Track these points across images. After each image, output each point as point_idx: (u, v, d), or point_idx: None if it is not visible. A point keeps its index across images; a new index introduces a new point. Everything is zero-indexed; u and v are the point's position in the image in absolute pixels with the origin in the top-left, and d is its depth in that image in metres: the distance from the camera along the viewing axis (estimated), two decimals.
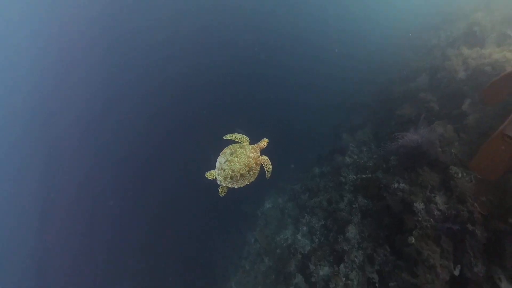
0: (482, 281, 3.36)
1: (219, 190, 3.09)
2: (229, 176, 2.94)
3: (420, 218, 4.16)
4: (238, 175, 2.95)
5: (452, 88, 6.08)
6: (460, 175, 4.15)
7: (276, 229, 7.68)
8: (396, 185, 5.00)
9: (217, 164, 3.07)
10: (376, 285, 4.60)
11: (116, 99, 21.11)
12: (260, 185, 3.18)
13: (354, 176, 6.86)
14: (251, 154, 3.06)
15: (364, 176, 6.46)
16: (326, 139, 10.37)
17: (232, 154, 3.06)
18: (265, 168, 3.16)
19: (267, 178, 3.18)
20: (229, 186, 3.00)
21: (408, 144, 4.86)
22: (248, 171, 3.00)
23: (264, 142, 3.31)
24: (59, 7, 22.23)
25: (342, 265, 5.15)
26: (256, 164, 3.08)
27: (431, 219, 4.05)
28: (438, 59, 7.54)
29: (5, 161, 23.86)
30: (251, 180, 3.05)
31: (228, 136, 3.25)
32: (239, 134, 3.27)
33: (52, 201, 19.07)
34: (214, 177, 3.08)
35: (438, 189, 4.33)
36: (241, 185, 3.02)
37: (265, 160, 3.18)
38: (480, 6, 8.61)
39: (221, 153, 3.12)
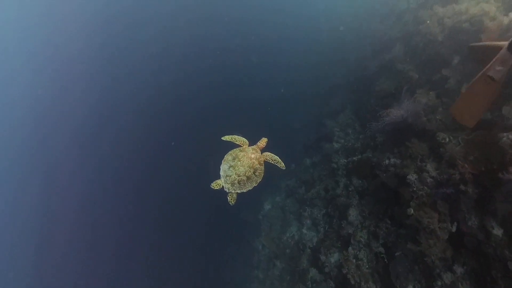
0: (477, 231, 3.60)
1: (228, 198, 3.04)
2: (236, 181, 2.93)
3: (415, 188, 4.27)
4: (244, 178, 2.94)
5: (429, 52, 5.85)
6: (447, 139, 4.29)
7: (281, 228, 7.64)
8: (387, 161, 5.11)
9: (221, 172, 3.04)
10: (385, 260, 4.69)
11: (116, 106, 21.24)
12: (254, 188, 3.17)
13: (345, 160, 6.97)
14: (252, 156, 3.06)
15: (354, 158, 6.58)
16: (310, 128, 10.44)
17: (234, 159, 3.04)
18: (273, 163, 3.15)
19: (284, 168, 3.16)
20: (238, 191, 2.99)
21: (394, 120, 4.95)
22: (254, 172, 2.99)
23: (263, 142, 3.32)
24: (59, 22, 23.21)
25: (350, 248, 5.21)
26: (260, 164, 3.08)
27: (425, 187, 4.17)
28: (410, 24, 7.08)
29: (7, 170, 23.93)
30: (258, 181, 3.04)
31: (227, 137, 3.25)
32: (239, 137, 3.27)
33: (55, 210, 18.96)
34: (220, 186, 3.05)
35: (428, 157, 4.47)
36: (250, 188, 3.00)
37: (268, 156, 3.17)
38: None
39: (223, 161, 3.09)
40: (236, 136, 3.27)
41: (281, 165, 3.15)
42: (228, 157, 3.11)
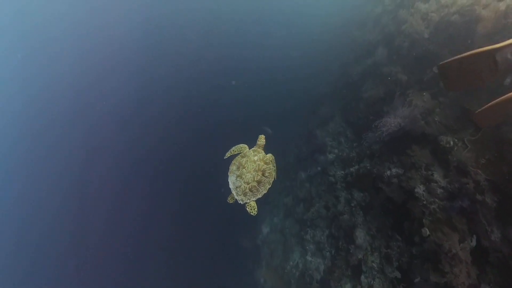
0: (501, 245, 3.14)
1: (247, 210, 2.91)
2: (247, 190, 2.84)
3: (424, 202, 3.78)
4: (255, 184, 2.85)
5: (416, 51, 5.66)
6: (451, 143, 3.88)
7: (283, 255, 6.94)
8: (388, 172, 4.65)
9: (231, 185, 2.97)
10: None
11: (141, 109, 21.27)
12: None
13: (342, 172, 6.49)
14: (255, 158, 3.01)
15: (352, 169, 6.10)
16: (301, 140, 10.00)
17: (238, 168, 2.99)
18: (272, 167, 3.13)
19: (274, 178, 3.11)
20: (253, 199, 2.86)
21: (392, 129, 4.52)
22: (263, 174, 2.92)
23: (261, 139, 3.31)
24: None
25: (362, 277, 4.59)
26: (266, 163, 3.01)
27: (436, 200, 3.68)
28: (390, 26, 6.88)
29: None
30: (271, 182, 2.95)
31: (228, 154, 3.27)
32: (236, 147, 3.28)
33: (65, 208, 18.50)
34: (234, 200, 2.99)
35: (433, 164, 4.02)
36: (265, 191, 2.90)
37: (272, 158, 3.16)
38: None
39: (229, 173, 3.06)
40: (234, 148, 3.27)
41: (274, 174, 3.08)
42: (232, 167, 3.06)
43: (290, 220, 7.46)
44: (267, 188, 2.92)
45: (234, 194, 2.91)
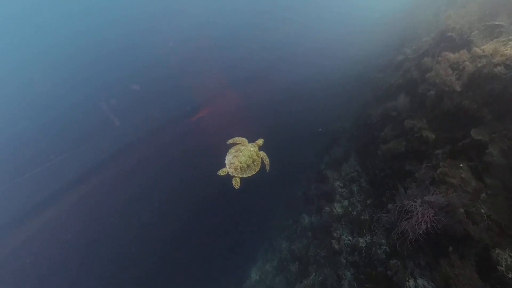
0: None
1: (233, 182, 3.52)
2: (238, 167, 3.50)
3: None
4: (245, 165, 3.53)
5: (446, 105, 4.49)
6: None
7: None
8: (411, 282, 3.33)
9: (226, 161, 3.62)
10: None
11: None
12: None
13: (350, 238, 5.24)
14: (252, 149, 3.72)
15: (361, 241, 4.82)
16: (312, 173, 8.71)
17: (237, 151, 3.69)
18: (264, 162, 3.77)
19: (267, 171, 3.77)
20: (240, 176, 3.50)
21: (420, 231, 3.13)
22: (253, 162, 3.60)
23: (260, 141, 3.97)
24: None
25: None
26: (257, 156, 3.71)
27: None
28: (412, 72, 5.99)
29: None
30: (256, 170, 3.60)
31: (230, 141, 3.93)
32: (239, 138, 3.96)
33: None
34: (225, 173, 3.56)
35: None
36: (249, 175, 3.54)
37: (263, 155, 3.80)
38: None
39: (227, 153, 3.72)
40: (236, 138, 3.95)
41: (267, 167, 3.77)
42: (231, 150, 3.74)
43: (281, 278, 6.38)
44: (252, 173, 3.55)
45: (227, 167, 3.54)
